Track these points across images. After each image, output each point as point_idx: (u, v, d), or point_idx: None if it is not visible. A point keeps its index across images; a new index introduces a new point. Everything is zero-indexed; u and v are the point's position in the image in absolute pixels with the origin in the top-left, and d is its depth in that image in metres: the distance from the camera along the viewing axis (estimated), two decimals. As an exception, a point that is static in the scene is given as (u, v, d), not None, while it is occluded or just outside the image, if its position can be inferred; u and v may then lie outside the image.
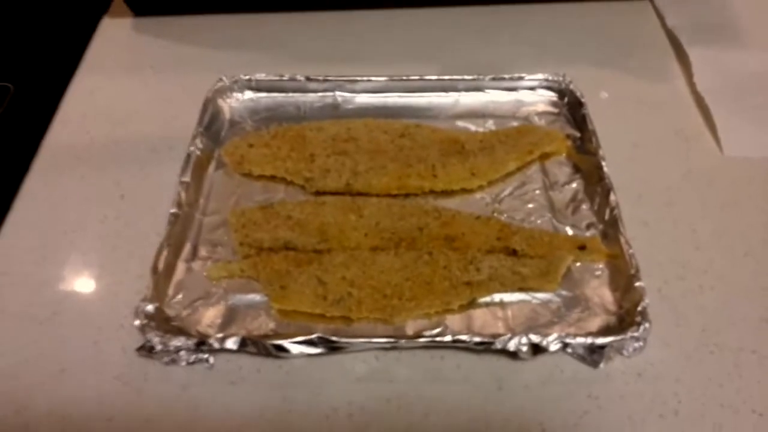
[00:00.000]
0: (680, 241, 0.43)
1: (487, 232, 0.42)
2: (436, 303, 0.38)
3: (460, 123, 0.51)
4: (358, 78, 0.52)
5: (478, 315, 0.38)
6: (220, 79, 0.52)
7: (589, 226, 0.43)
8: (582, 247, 0.41)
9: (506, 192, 0.46)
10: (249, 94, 0.52)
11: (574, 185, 0.45)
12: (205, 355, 0.36)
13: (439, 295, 0.38)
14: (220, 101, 0.51)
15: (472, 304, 0.39)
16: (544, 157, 0.47)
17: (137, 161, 0.49)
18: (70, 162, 0.49)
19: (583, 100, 0.50)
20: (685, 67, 0.55)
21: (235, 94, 0.52)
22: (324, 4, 0.61)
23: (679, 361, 0.37)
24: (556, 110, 0.51)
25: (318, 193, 0.45)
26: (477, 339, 0.35)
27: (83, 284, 0.41)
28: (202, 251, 0.42)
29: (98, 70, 0.57)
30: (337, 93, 0.52)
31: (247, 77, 0.52)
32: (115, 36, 0.60)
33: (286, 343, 0.35)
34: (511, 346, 0.35)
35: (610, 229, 0.42)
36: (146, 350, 0.36)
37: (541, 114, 0.51)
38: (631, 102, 0.52)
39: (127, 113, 0.53)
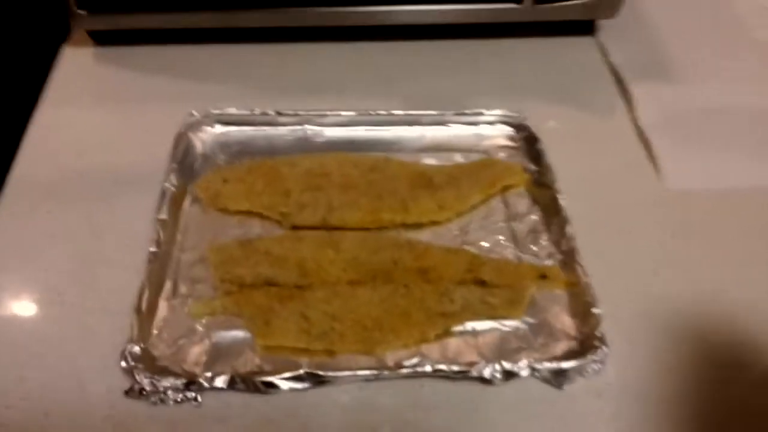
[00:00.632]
0: (632, 268, 0.46)
1: (458, 263, 0.45)
2: (414, 334, 0.41)
3: (426, 156, 0.53)
4: (327, 112, 0.54)
5: (453, 343, 0.41)
6: (191, 114, 0.53)
7: (549, 256, 0.46)
8: (543, 276, 0.45)
9: (472, 224, 0.49)
10: (220, 128, 0.54)
11: (533, 216, 0.49)
12: (193, 394, 0.37)
13: (417, 326, 0.41)
14: (191, 135, 0.52)
15: (446, 333, 0.41)
16: (506, 189, 0.51)
17: (107, 196, 0.49)
18: (38, 197, 0.49)
19: (538, 135, 0.54)
20: (629, 101, 0.59)
21: (206, 128, 0.53)
22: (287, 36, 0.63)
23: (637, 380, 0.40)
24: (514, 144, 0.55)
25: (294, 228, 0.47)
26: (455, 368, 0.38)
27: (63, 324, 0.41)
28: (182, 288, 0.43)
29: (62, 101, 0.57)
30: (307, 126, 0.54)
31: (218, 111, 0.53)
32: (76, 66, 0.60)
33: (275, 379, 0.37)
34: (486, 373, 0.38)
35: (568, 258, 0.45)
36: (135, 392, 0.36)
37: (500, 148, 0.54)
38: (580, 135, 0.56)
39: (94, 146, 0.53)
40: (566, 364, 0.39)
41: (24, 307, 0.42)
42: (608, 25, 0.66)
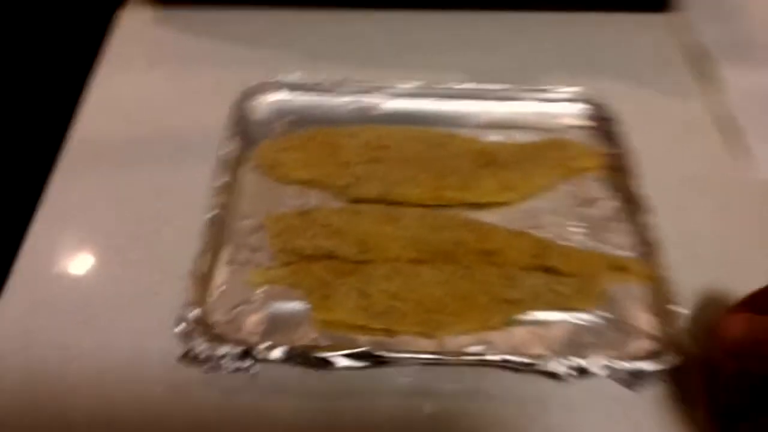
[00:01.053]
0: (717, 263, 0.43)
1: (524, 247, 0.42)
2: (477, 319, 0.39)
3: (492, 133, 0.50)
4: (390, 83, 0.52)
5: (518, 333, 0.39)
6: (250, 80, 0.51)
7: (625, 246, 0.43)
8: (617, 268, 0.42)
9: (540, 207, 0.46)
10: (278, 95, 0.52)
11: (607, 203, 0.46)
12: (249, 364, 0.36)
13: (480, 311, 0.39)
14: (249, 102, 0.51)
15: (511, 321, 0.39)
16: (578, 172, 0.48)
17: (165, 159, 0.48)
18: (97, 158, 0.48)
19: (618, 116, 0.50)
20: (714, 84, 0.55)
21: (264, 95, 0.51)
22: (354, 3, 0.60)
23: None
24: (589, 124, 0.51)
25: (353, 201, 0.45)
26: (524, 360, 0.36)
27: (121, 285, 0.41)
28: (241, 255, 0.42)
29: (120, 64, 0.55)
30: (368, 97, 0.52)
31: (278, 78, 0.52)
32: (135, 29, 0.58)
33: (332, 356, 0.35)
34: (556, 368, 0.36)
35: (647, 250, 0.42)
36: (190, 358, 0.35)
37: (573, 128, 0.51)
38: (655, 118, 0.53)
39: (153, 110, 0.52)
40: (647, 366, 0.36)
41: (83, 267, 0.42)
42: (694, 0, 0.61)
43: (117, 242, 0.43)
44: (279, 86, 0.52)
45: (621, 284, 0.41)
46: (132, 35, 0.58)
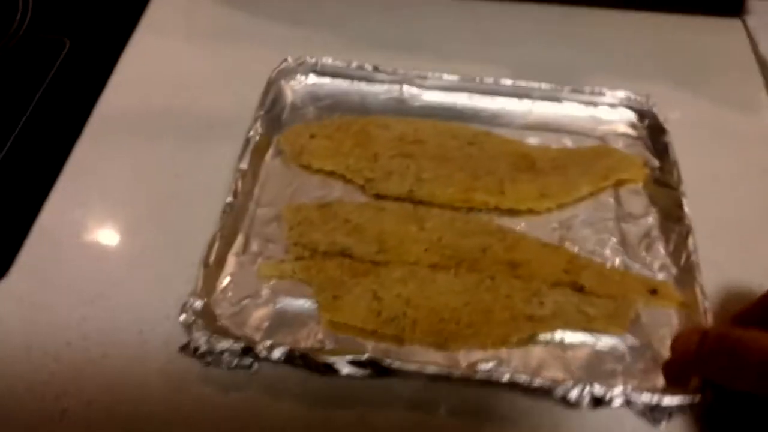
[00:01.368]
0: (757, 293, 0.39)
1: (555, 262, 0.39)
2: (494, 334, 0.36)
3: (532, 134, 0.48)
4: (428, 74, 0.49)
5: (537, 353, 0.36)
6: (285, 60, 0.49)
7: (661, 268, 0.40)
8: (653, 291, 0.39)
9: (576, 218, 0.43)
10: (313, 78, 0.50)
11: (649, 219, 0.43)
12: (250, 361, 0.35)
13: (499, 326, 0.36)
14: (283, 83, 0.49)
15: (531, 339, 0.37)
16: (620, 183, 0.44)
17: (191, 137, 0.47)
18: (123, 131, 0.47)
19: (666, 126, 0.46)
20: None
21: (298, 77, 0.50)
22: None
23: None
24: (635, 133, 0.48)
25: (377, 197, 0.43)
26: (537, 383, 0.33)
27: (131, 266, 0.40)
28: (254, 245, 0.40)
29: (156, 33, 0.55)
30: (405, 87, 0.50)
31: (313, 60, 0.50)
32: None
33: (335, 361, 0.34)
34: (572, 395, 0.33)
35: (685, 274, 0.39)
36: (190, 350, 0.34)
37: (619, 135, 0.48)
38: (712, 131, 0.49)
39: (184, 84, 0.51)
40: (668, 400, 0.33)
41: (96, 245, 0.41)
42: (761, 7, 0.56)
43: (133, 222, 0.42)
44: (314, 69, 0.50)
45: (652, 308, 0.38)
46: (170, 4, 0.57)
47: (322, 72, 0.50)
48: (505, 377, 0.34)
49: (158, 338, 0.36)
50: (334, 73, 0.50)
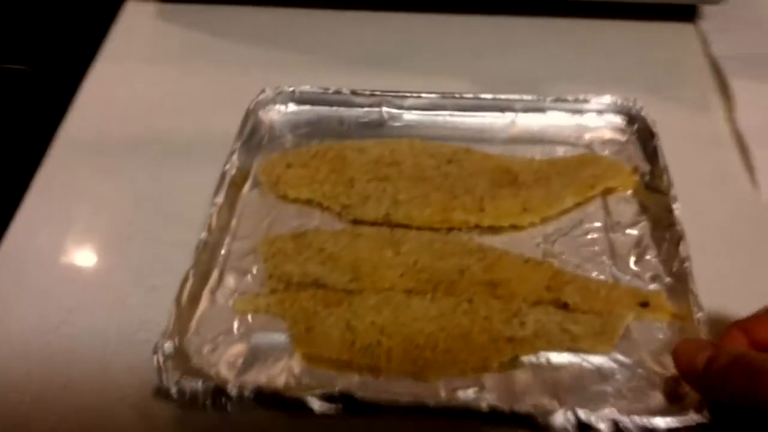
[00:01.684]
0: (754, 299, 0.37)
1: (536, 278, 0.38)
2: (472, 359, 0.35)
3: (516, 148, 0.46)
4: (407, 94, 0.49)
5: (520, 376, 0.34)
6: (263, 90, 0.49)
7: (653, 279, 0.38)
8: (644, 304, 0.37)
9: (561, 231, 0.41)
10: (291, 107, 0.50)
11: (639, 228, 0.41)
12: (222, 401, 0.34)
13: (477, 350, 0.35)
14: (261, 113, 0.49)
15: (513, 363, 0.35)
16: (607, 192, 0.43)
17: (158, 165, 0.47)
18: (86, 157, 0.47)
19: (654, 129, 0.44)
20: (728, 99, 0.49)
21: (276, 106, 0.50)
22: (368, 4, 0.58)
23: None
24: (623, 138, 0.46)
25: (355, 222, 0.42)
26: (518, 409, 0.31)
27: (94, 294, 0.39)
28: (229, 280, 0.40)
29: (119, 58, 0.54)
30: (384, 108, 0.49)
31: (291, 89, 0.49)
32: (138, 22, 0.57)
33: (304, 397, 0.32)
34: (556, 421, 0.31)
35: (678, 283, 0.37)
36: (162, 394, 0.34)
37: (606, 142, 0.46)
38: (668, 135, 0.45)
39: (148, 109, 0.50)
40: (662, 421, 0.31)
41: (59, 271, 0.41)
42: (712, 12, 0.56)
43: (96, 249, 0.42)
44: (292, 98, 0.49)
45: (644, 322, 0.36)
46: (135, 29, 0.57)
47: (300, 100, 0.50)
48: (484, 405, 0.32)
49: (123, 368, 0.36)
50: (312, 101, 0.50)
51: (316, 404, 0.32)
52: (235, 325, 0.37)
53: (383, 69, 0.53)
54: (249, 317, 0.38)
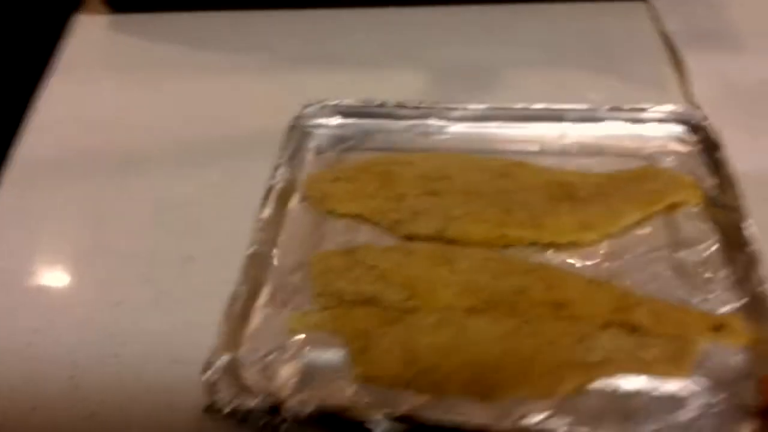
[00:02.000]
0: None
1: (602, 300, 0.36)
2: (539, 385, 0.33)
3: (570, 160, 0.45)
4: (455, 106, 0.47)
5: (591, 402, 0.32)
6: (308, 105, 0.48)
7: (726, 301, 0.36)
8: (718, 327, 0.34)
9: (625, 250, 0.39)
10: (335, 120, 0.49)
11: (709, 246, 0.38)
12: (278, 420, 0.32)
13: (544, 375, 0.33)
14: (305, 127, 0.48)
15: (581, 388, 0.33)
16: (673, 207, 0.41)
17: (116, 176, 0.45)
18: (44, 175, 0.46)
19: (720, 140, 0.42)
20: (683, 74, 0.49)
21: (320, 120, 0.48)
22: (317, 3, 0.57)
23: None
24: (686, 149, 0.44)
25: (406, 238, 0.41)
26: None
27: (59, 313, 0.38)
28: (279, 296, 0.38)
29: (73, 72, 0.53)
30: (431, 121, 0.48)
31: (335, 102, 0.48)
32: (90, 35, 0.56)
33: (367, 419, 0.31)
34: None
35: (755, 305, 0.35)
36: (215, 411, 0.32)
37: (668, 153, 0.44)
38: None
39: (105, 122, 0.49)
40: (748, 455, 0.29)
41: (18, 298, 0.39)
42: None
43: (61, 267, 0.41)
44: (336, 111, 0.48)
45: (719, 346, 0.34)
46: (87, 41, 0.55)
47: (344, 113, 0.48)
48: (562, 430, 0.30)
49: (93, 388, 0.35)
50: (356, 114, 0.48)
51: (381, 425, 0.31)
52: (288, 342, 0.36)
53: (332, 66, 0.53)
54: (301, 334, 0.36)
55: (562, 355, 0.33)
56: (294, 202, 0.44)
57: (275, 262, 0.40)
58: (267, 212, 0.41)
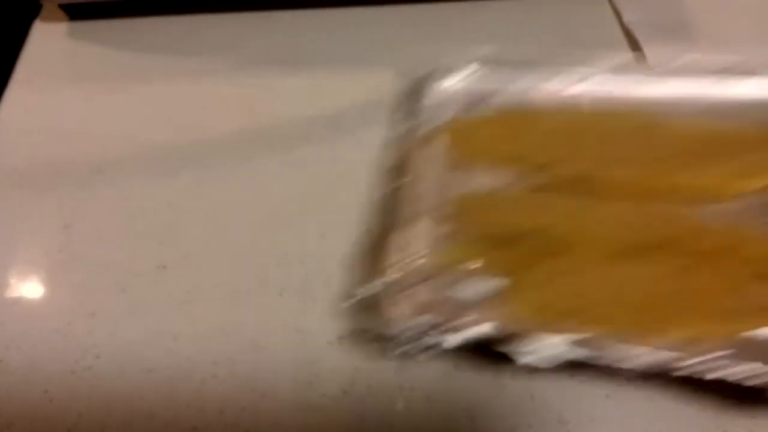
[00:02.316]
0: None
1: (759, 251, 0.34)
2: (690, 329, 0.32)
3: (717, 117, 0.42)
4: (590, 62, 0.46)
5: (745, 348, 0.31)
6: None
7: None
8: None
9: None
10: (464, 81, 0.47)
11: None
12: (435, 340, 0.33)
13: (696, 320, 0.32)
14: (434, 85, 0.46)
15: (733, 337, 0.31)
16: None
17: (83, 185, 0.44)
18: (7, 187, 0.44)
19: None
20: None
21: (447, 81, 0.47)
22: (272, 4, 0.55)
23: None
24: None
25: (551, 182, 0.40)
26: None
27: (30, 327, 0.38)
28: (423, 233, 0.38)
29: (33, 81, 0.51)
30: (562, 78, 0.46)
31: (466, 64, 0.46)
32: (49, 44, 0.53)
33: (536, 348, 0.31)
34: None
35: None
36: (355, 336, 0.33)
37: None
38: None
39: (69, 132, 0.47)
40: None
41: None
42: None
43: (33, 278, 0.40)
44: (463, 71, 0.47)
45: None
46: (46, 49, 0.53)
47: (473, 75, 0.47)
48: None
49: (69, 399, 0.34)
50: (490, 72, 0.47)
51: (551, 351, 0.31)
52: (433, 278, 0.36)
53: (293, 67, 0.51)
54: (447, 270, 0.36)
55: (715, 299, 0.33)
56: (431, 149, 0.43)
57: (415, 201, 0.40)
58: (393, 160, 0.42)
